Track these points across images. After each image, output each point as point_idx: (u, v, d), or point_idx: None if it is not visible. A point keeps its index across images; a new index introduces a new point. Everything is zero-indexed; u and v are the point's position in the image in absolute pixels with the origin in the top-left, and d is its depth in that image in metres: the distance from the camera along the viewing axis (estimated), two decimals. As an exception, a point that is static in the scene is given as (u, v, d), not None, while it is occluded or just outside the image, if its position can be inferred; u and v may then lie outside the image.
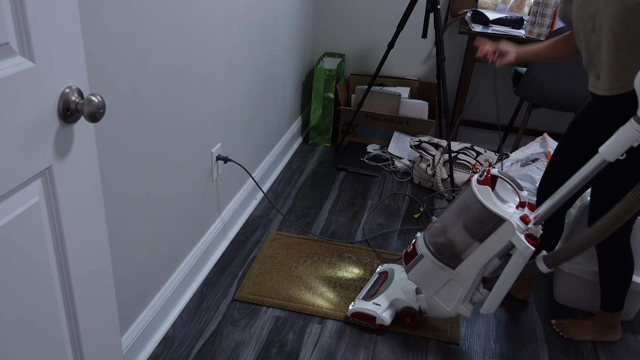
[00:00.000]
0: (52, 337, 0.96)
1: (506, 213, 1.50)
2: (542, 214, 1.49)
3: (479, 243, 1.57)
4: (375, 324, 1.81)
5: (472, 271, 1.60)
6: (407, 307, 1.82)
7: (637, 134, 1.28)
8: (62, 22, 0.84)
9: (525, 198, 1.54)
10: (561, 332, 1.89)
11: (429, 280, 1.69)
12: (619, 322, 1.86)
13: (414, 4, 2.59)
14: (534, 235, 1.49)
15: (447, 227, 1.64)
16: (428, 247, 1.67)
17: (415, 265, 1.70)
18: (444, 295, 1.69)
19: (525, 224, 1.49)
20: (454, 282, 1.65)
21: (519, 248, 1.48)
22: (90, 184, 0.99)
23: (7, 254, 0.82)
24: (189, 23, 1.64)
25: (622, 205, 1.32)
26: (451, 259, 1.63)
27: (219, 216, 2.17)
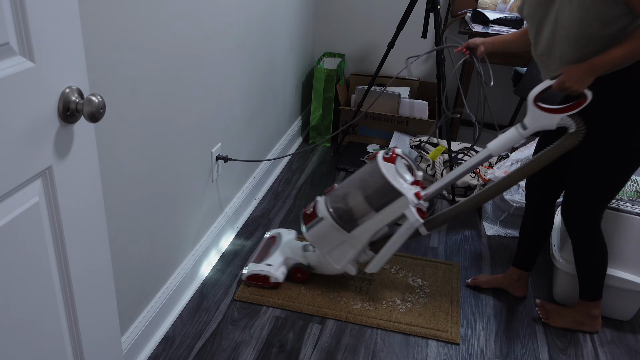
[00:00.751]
0: (52, 337, 0.96)
1: (403, 188, 1.71)
2: (431, 193, 1.74)
3: (375, 212, 1.77)
4: (270, 282, 1.95)
5: (365, 236, 1.81)
6: (297, 264, 1.99)
7: (519, 137, 1.60)
8: (62, 22, 0.84)
9: (420, 177, 1.81)
10: (541, 314, 1.95)
11: (325, 241, 1.87)
12: (599, 312, 1.88)
13: (414, 4, 2.59)
14: (422, 209, 1.74)
15: (348, 195, 1.82)
16: (329, 211, 1.83)
17: (314, 226, 1.86)
18: (335, 254, 1.88)
19: (417, 199, 1.72)
20: (347, 244, 1.84)
21: (410, 219, 1.71)
22: (90, 184, 0.99)
23: (7, 254, 0.82)
24: (189, 23, 1.64)
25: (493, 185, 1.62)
26: (348, 224, 1.82)
27: (219, 216, 2.17)
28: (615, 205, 1.88)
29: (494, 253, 2.33)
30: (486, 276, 2.10)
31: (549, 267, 2.21)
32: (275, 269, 1.96)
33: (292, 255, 2.01)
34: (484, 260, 2.27)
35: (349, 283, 2.05)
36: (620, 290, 1.90)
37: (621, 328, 1.95)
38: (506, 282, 2.05)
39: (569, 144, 1.53)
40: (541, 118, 1.55)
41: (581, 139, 1.51)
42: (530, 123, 1.57)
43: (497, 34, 2.75)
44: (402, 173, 1.78)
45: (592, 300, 1.85)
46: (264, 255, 2.06)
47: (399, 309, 1.94)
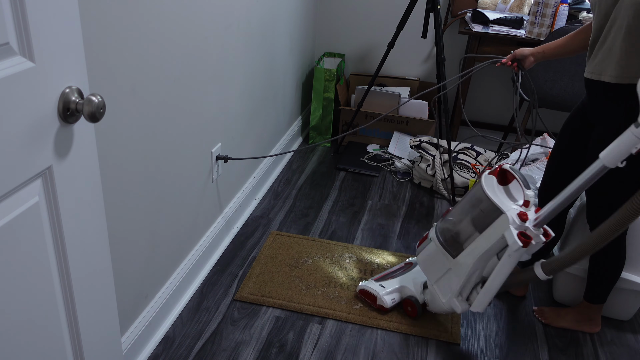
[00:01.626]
0: (52, 337, 0.96)
1: (504, 205, 1.50)
2: (544, 217, 1.46)
3: (479, 234, 1.58)
4: (376, 304, 1.90)
5: (469, 261, 1.61)
6: (411, 296, 1.89)
7: (637, 140, 1.28)
8: (62, 22, 0.84)
9: (530, 197, 1.51)
10: (540, 317, 1.93)
11: (432, 266, 1.76)
12: (599, 315, 1.88)
13: (414, 4, 2.59)
14: (526, 234, 1.47)
15: (457, 217, 1.69)
16: (437, 233, 1.74)
17: (423, 248, 1.79)
18: (442, 284, 1.75)
19: (522, 221, 1.47)
20: (452, 272, 1.69)
21: (508, 242, 1.47)
22: (90, 184, 0.99)
23: (7, 254, 0.82)
24: (189, 23, 1.64)
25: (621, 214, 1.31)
26: (453, 247, 1.67)
27: (219, 216, 2.17)
28: (615, 205, 1.88)
29: (494, 253, 2.33)
30: None
31: (549, 267, 2.21)
32: (386, 292, 1.89)
33: (410, 286, 1.91)
34: (484, 260, 2.27)
35: (349, 283, 2.05)
36: (620, 290, 1.90)
37: (621, 328, 1.95)
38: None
39: None
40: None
41: None
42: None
43: (497, 34, 2.75)
44: (515, 194, 1.57)
45: (597, 304, 1.84)
46: (388, 276, 1.99)
47: (399, 309, 1.94)
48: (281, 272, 2.09)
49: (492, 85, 3.34)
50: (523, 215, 1.47)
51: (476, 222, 1.60)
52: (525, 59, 1.79)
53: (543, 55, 1.78)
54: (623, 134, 1.30)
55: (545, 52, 1.77)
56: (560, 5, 2.65)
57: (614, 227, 1.33)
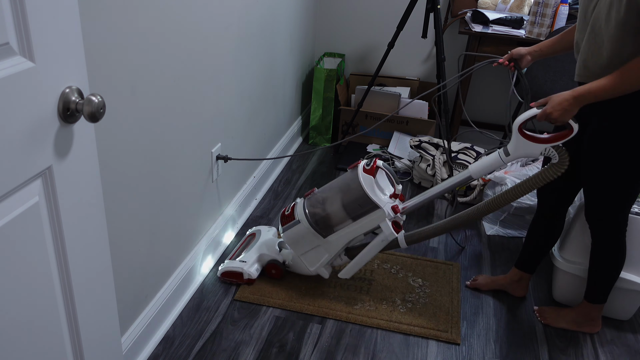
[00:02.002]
0: (52, 337, 0.96)
1: (381, 201, 1.72)
2: (410, 207, 1.76)
3: (352, 221, 1.78)
4: (244, 279, 1.97)
5: (341, 242, 1.82)
6: (272, 260, 2.00)
7: (501, 163, 1.60)
8: (62, 22, 0.84)
9: (399, 191, 1.82)
10: (540, 317, 1.93)
11: (300, 243, 1.87)
12: (600, 315, 1.88)
13: (414, 4, 2.59)
14: (398, 222, 1.76)
15: (326, 201, 1.83)
16: (306, 214, 1.84)
17: (291, 228, 1.87)
18: (310, 257, 1.89)
19: (394, 213, 1.74)
20: (321, 248, 1.85)
21: (385, 232, 1.73)
22: (90, 184, 0.99)
23: (7, 254, 0.82)
24: (189, 23, 1.64)
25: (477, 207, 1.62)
26: (324, 229, 1.82)
27: (219, 216, 2.17)
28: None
29: (494, 253, 2.33)
30: (485, 278, 2.09)
31: (549, 267, 2.20)
32: (249, 265, 1.98)
33: (268, 252, 2.02)
34: (484, 260, 2.27)
35: (349, 283, 2.05)
36: (619, 289, 1.89)
37: (621, 328, 1.95)
38: (506, 283, 2.04)
39: (550, 174, 1.51)
40: (525, 146, 1.54)
41: (564, 170, 1.49)
42: (513, 150, 1.57)
43: (497, 34, 2.75)
44: (382, 185, 1.79)
45: (598, 303, 1.84)
46: (241, 252, 2.09)
47: (399, 309, 1.94)
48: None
49: (492, 85, 3.34)
50: (396, 209, 1.75)
51: (349, 209, 1.77)
52: (522, 59, 1.78)
53: (540, 54, 1.78)
54: (493, 153, 1.61)
55: (542, 49, 1.77)
56: (560, 5, 2.65)
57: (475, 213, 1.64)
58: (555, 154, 1.50)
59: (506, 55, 1.80)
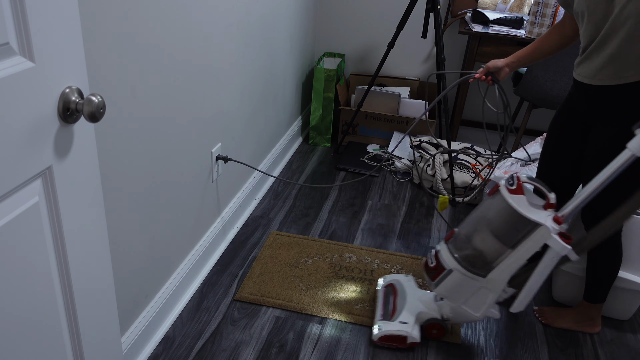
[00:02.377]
0: (52, 337, 0.96)
1: (541, 218, 1.50)
2: (569, 213, 1.51)
3: (512, 249, 1.56)
4: (407, 343, 1.76)
5: (504, 277, 1.60)
6: (431, 319, 1.78)
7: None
8: (62, 22, 0.84)
9: (553, 200, 1.55)
10: (540, 318, 1.93)
11: (459, 292, 1.67)
12: (599, 314, 1.87)
13: (414, 4, 2.59)
14: (566, 233, 1.51)
15: (473, 238, 1.62)
16: (457, 260, 1.63)
17: (444, 279, 1.66)
18: (473, 302, 1.67)
19: (558, 224, 1.51)
20: (484, 288, 1.64)
21: (556, 249, 1.49)
22: (90, 184, 0.99)
23: (7, 254, 0.82)
24: (189, 23, 1.64)
25: None
26: (482, 269, 1.61)
27: (219, 216, 2.17)
28: (615, 205, 1.88)
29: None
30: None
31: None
32: (411, 327, 1.75)
33: (425, 309, 1.79)
34: (484, 260, 2.27)
35: (349, 283, 2.05)
36: (619, 289, 1.90)
37: (621, 328, 1.95)
38: None
39: None
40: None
41: None
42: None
43: (497, 34, 2.75)
44: (531, 199, 1.57)
45: (597, 303, 1.84)
46: (390, 309, 1.85)
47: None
48: (281, 272, 2.09)
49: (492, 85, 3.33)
50: (558, 219, 1.51)
51: (504, 238, 1.56)
52: (499, 71, 1.74)
53: (518, 64, 1.74)
54: None
55: (520, 59, 1.73)
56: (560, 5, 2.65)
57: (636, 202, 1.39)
58: None
59: (481, 70, 1.75)
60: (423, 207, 2.65)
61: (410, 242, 2.36)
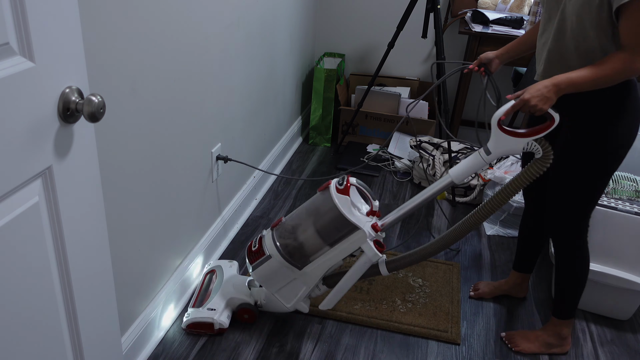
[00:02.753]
0: (52, 337, 0.96)
1: (360, 222, 1.55)
2: (388, 224, 1.59)
3: (330, 247, 1.61)
4: (214, 329, 1.76)
5: (319, 272, 1.64)
6: (243, 304, 1.80)
7: (483, 163, 1.48)
8: (62, 22, 0.84)
9: (377, 207, 1.64)
10: (510, 344, 1.83)
11: (273, 279, 1.69)
12: (569, 332, 1.80)
13: (414, 4, 2.59)
14: (380, 242, 1.58)
15: (297, 229, 1.64)
16: (277, 247, 1.65)
17: (261, 264, 1.68)
18: (285, 292, 1.71)
19: (375, 232, 1.56)
20: (298, 280, 1.68)
21: (368, 254, 1.55)
22: (90, 184, 0.99)
23: (7, 254, 0.82)
24: (189, 23, 1.64)
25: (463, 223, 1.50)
26: (299, 260, 1.64)
27: (219, 216, 2.17)
28: (615, 205, 1.88)
29: (494, 253, 2.33)
30: (487, 285, 2.05)
31: (549, 267, 2.21)
32: (219, 313, 1.76)
33: (237, 294, 1.80)
34: (484, 261, 2.27)
35: (349, 283, 2.05)
36: (619, 289, 1.90)
37: (621, 328, 1.95)
38: (508, 288, 2.02)
39: (535, 170, 1.42)
40: (506, 142, 1.44)
41: (549, 164, 1.41)
42: (494, 148, 1.46)
43: (497, 34, 2.75)
44: (356, 203, 1.62)
45: (566, 319, 1.77)
46: (205, 295, 1.85)
47: (399, 309, 1.94)
48: (281, 272, 2.08)
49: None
50: (376, 227, 1.56)
51: (324, 235, 1.60)
52: (490, 63, 1.75)
53: (508, 56, 1.76)
54: (472, 154, 1.49)
55: (509, 51, 1.75)
56: (560, 5, 2.65)
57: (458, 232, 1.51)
58: (539, 148, 1.41)
59: (475, 61, 1.77)
60: (423, 207, 2.65)
61: (410, 242, 2.36)
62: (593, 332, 1.93)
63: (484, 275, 2.18)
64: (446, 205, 2.69)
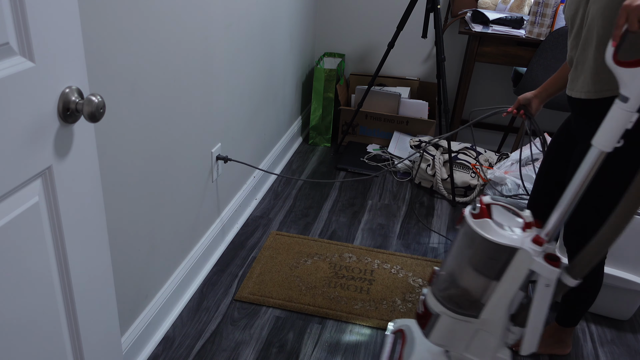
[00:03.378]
0: (52, 338, 0.96)
1: (515, 241, 1.31)
2: (552, 229, 1.31)
3: (496, 282, 1.37)
4: None
5: (499, 314, 1.39)
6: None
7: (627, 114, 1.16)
8: (62, 22, 0.84)
9: (530, 217, 1.36)
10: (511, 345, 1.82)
11: (454, 338, 1.47)
12: (570, 337, 1.80)
13: (414, 4, 2.59)
14: (553, 254, 1.30)
15: (454, 275, 1.44)
16: (441, 303, 1.44)
17: (433, 326, 1.47)
18: (475, 348, 1.47)
19: (539, 245, 1.30)
20: (482, 332, 1.44)
21: (542, 274, 1.30)
22: (90, 184, 0.99)
23: (7, 254, 0.82)
24: (189, 23, 1.64)
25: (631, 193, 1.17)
26: (471, 308, 1.42)
27: (219, 216, 2.17)
28: (616, 205, 1.88)
29: (494, 253, 2.32)
30: None
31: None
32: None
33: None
34: (484, 260, 2.27)
35: (349, 283, 2.05)
36: (619, 289, 1.90)
37: (621, 328, 1.95)
38: None
39: None
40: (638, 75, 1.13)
41: None
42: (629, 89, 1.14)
43: (497, 34, 2.75)
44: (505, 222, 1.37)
45: (569, 327, 1.77)
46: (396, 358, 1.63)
47: (399, 309, 1.94)
48: (281, 272, 2.09)
49: (492, 86, 3.34)
50: (538, 239, 1.30)
51: (484, 270, 1.37)
52: (530, 104, 1.69)
53: (547, 94, 1.68)
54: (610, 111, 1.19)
55: (548, 89, 1.68)
56: (561, 5, 2.65)
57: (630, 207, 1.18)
58: None
59: (514, 104, 1.72)
60: (423, 207, 2.65)
61: (410, 242, 2.36)
62: (593, 332, 1.93)
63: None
64: (446, 205, 2.68)
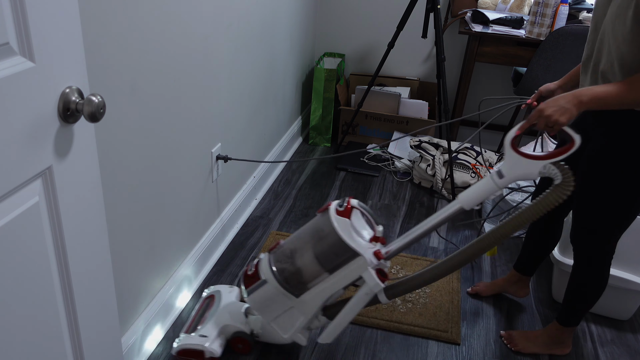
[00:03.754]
0: (52, 337, 0.96)
1: (361, 247, 1.43)
2: (393, 251, 1.47)
3: (329, 274, 1.49)
4: (205, 358, 1.64)
5: (317, 301, 1.53)
6: (237, 332, 1.68)
7: (495, 188, 1.34)
8: (62, 22, 0.84)
9: (380, 233, 1.51)
10: (509, 344, 1.82)
11: (269, 307, 1.58)
12: (571, 337, 1.80)
13: (414, 4, 2.59)
14: (384, 270, 1.46)
15: (295, 253, 1.52)
16: (273, 272, 1.54)
17: (256, 290, 1.56)
18: (282, 321, 1.59)
19: (377, 259, 1.44)
20: (295, 309, 1.56)
21: (369, 283, 1.44)
22: (90, 184, 0.99)
23: (7, 254, 0.82)
24: (189, 23, 1.64)
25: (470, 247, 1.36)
26: (296, 287, 1.53)
27: (219, 216, 2.17)
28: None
29: (494, 253, 2.33)
30: (485, 283, 2.06)
31: (549, 267, 2.21)
32: (211, 340, 1.63)
33: (232, 322, 1.68)
34: (484, 261, 2.27)
35: (349, 283, 2.05)
36: (619, 289, 1.90)
37: (621, 328, 1.95)
38: (506, 285, 2.02)
39: (554, 198, 1.25)
40: (520, 165, 1.31)
41: (569, 192, 1.24)
42: (507, 171, 1.33)
43: (497, 34, 2.75)
44: (358, 228, 1.49)
45: (570, 326, 1.76)
46: (200, 321, 1.74)
47: (399, 309, 1.94)
48: (281, 272, 2.08)
49: (492, 86, 3.34)
50: (378, 254, 1.45)
51: (323, 261, 1.47)
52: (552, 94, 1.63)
53: (571, 84, 1.63)
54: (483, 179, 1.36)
55: (572, 79, 1.63)
56: (560, 5, 2.65)
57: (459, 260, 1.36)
58: (558, 173, 1.26)
59: (534, 95, 1.66)
60: (423, 207, 2.65)
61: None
62: (593, 332, 1.93)
63: (484, 275, 2.18)
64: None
